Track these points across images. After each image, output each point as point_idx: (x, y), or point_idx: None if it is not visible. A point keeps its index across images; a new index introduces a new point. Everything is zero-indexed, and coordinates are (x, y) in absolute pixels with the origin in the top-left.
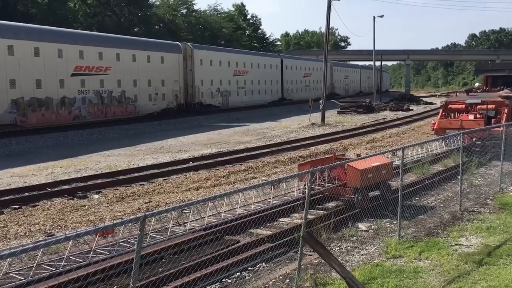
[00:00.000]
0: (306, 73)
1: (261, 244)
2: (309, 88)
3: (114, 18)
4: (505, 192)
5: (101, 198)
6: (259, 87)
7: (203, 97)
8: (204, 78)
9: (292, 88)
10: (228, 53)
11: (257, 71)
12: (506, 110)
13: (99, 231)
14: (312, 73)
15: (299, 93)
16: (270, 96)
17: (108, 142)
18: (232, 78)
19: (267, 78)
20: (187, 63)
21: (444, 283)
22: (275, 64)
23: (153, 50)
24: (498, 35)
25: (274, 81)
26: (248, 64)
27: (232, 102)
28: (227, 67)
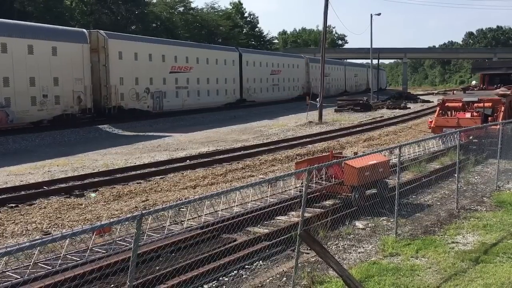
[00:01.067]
0: (274, 70)
1: (258, 242)
2: (277, 88)
3: (111, 16)
4: (501, 190)
5: (98, 196)
6: (209, 86)
7: (124, 99)
8: (124, 75)
9: (255, 88)
10: (162, 44)
11: (205, 67)
12: (503, 108)
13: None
14: (283, 71)
15: (264, 94)
16: (224, 98)
17: (105, 141)
18: (168, 76)
19: (220, 75)
20: (100, 57)
21: (441, 281)
22: (231, 60)
23: (39, 38)
24: (495, 33)
25: (229, 79)
26: (193, 58)
27: (168, 106)
28: (161, 62)
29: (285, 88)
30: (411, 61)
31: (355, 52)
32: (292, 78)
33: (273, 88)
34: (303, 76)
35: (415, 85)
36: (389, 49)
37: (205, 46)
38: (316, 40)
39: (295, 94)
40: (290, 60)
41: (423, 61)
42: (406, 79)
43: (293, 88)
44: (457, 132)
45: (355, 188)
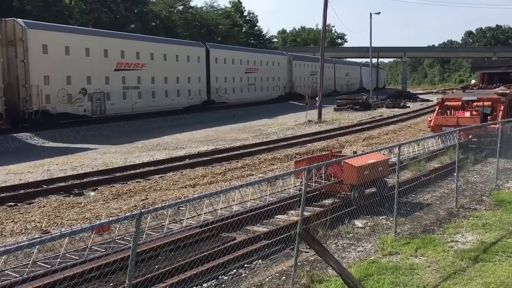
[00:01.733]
0: (250, 68)
1: (257, 241)
2: (254, 88)
3: (110, 14)
4: (501, 189)
5: (97, 195)
6: (167, 86)
7: (50, 102)
8: (51, 73)
9: (226, 88)
10: (103, 37)
11: (162, 64)
12: (502, 107)
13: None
14: (260, 69)
15: (237, 95)
16: (187, 99)
17: (104, 139)
18: (113, 74)
19: (181, 74)
20: (17, 50)
21: (440, 279)
22: (195, 56)
23: None
24: (494, 32)
25: (194, 78)
26: (146, 54)
27: (113, 109)
28: (103, 57)
29: (263, 88)
30: (411, 60)
31: (355, 51)
32: (272, 77)
33: (249, 88)
34: (285, 74)
35: (414, 84)
36: (389, 48)
37: (162, 40)
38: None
39: (275, 95)
40: (269, 57)
41: (422, 60)
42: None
43: (272, 88)
44: (457, 131)
45: (354, 187)
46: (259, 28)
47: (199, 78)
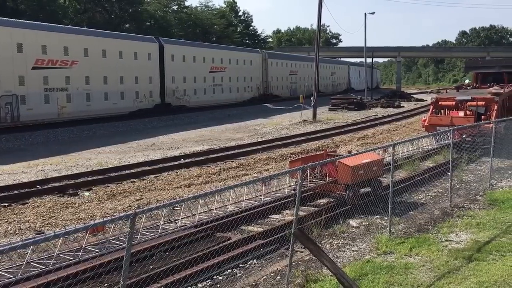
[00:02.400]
0: (216, 67)
1: (252, 241)
2: (220, 89)
3: (104, 14)
4: (494, 188)
5: (91, 195)
6: (107, 88)
7: None
8: None
9: (186, 89)
10: (20, 28)
11: (101, 62)
12: (496, 107)
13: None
14: (229, 68)
15: (200, 97)
16: (134, 102)
17: (99, 139)
18: (30, 73)
19: (127, 73)
20: None
21: (434, 279)
22: (145, 52)
23: None
24: (488, 32)
25: (143, 78)
26: (78, 50)
27: (31, 115)
28: (16, 53)
29: (233, 89)
30: (405, 60)
31: (349, 50)
32: (243, 77)
33: (214, 90)
34: (258, 74)
35: (408, 83)
36: (383, 48)
37: (101, 34)
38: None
39: (247, 97)
40: (239, 55)
41: (416, 60)
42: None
43: (244, 89)
44: (451, 131)
45: (349, 186)
46: (254, 28)
47: (150, 78)
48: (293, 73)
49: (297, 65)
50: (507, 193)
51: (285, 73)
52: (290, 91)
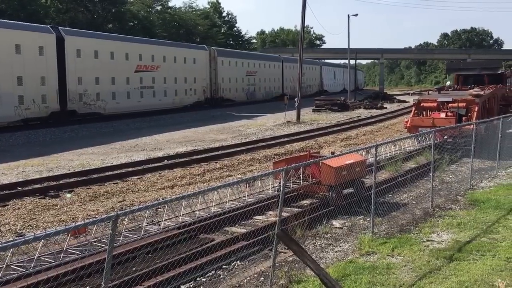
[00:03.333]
0: (144, 65)
1: (235, 242)
2: (151, 92)
3: (87, 14)
4: (475, 188)
5: (73, 197)
6: None
7: None
8: None
9: (100, 93)
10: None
11: None
12: (477, 109)
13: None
14: (163, 66)
15: (122, 101)
16: (16, 110)
17: (81, 140)
18: None
19: (4, 73)
20: None
21: (416, 279)
22: (34, 46)
23: None
24: (469, 34)
25: (31, 78)
26: None
27: None
28: None
29: (168, 92)
30: (388, 62)
31: (333, 52)
32: (184, 78)
33: (142, 93)
34: (204, 75)
35: (391, 85)
36: (366, 50)
37: None
38: (294, 40)
39: (189, 101)
40: (179, 52)
41: (399, 62)
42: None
43: (185, 92)
44: (432, 132)
45: (332, 187)
46: (238, 29)
47: (42, 78)
48: (251, 74)
49: (256, 64)
50: (487, 194)
51: (240, 74)
52: (247, 95)
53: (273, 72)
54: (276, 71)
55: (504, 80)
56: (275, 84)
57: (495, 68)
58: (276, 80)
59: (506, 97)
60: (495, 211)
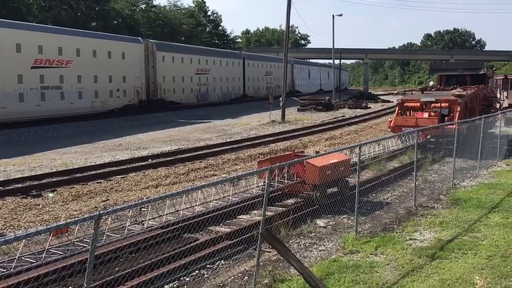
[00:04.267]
0: (47, 60)
1: (220, 242)
2: (59, 94)
3: (70, 12)
4: (457, 187)
5: (56, 196)
6: None
7: None
8: None
9: None
10: None
11: None
12: (459, 109)
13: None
14: (76, 62)
15: (12, 107)
16: None
17: (64, 140)
18: None
19: None
20: None
21: (399, 277)
22: None
23: None
24: (452, 35)
25: None
26: None
27: None
28: None
29: (85, 94)
30: (372, 62)
31: (318, 52)
32: (108, 76)
33: (44, 95)
34: (138, 72)
35: (375, 85)
36: (351, 50)
37: None
38: (279, 40)
39: (116, 104)
40: (100, 44)
41: (383, 62)
42: (367, 79)
43: (109, 94)
44: (415, 132)
45: (316, 186)
46: (223, 28)
47: None
48: (203, 72)
49: (209, 61)
50: (469, 193)
51: (188, 72)
52: (197, 96)
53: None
54: (236, 70)
55: (486, 80)
56: (234, 84)
57: (477, 68)
58: (236, 79)
59: (488, 98)
60: (477, 210)
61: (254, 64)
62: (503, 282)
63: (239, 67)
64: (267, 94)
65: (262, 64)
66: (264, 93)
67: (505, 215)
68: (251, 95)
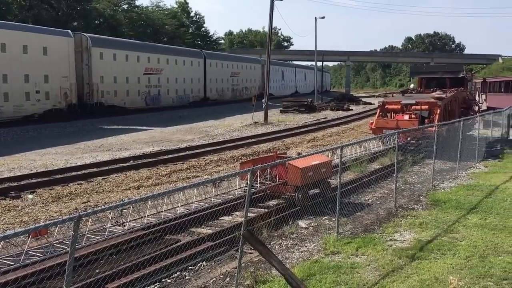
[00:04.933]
0: None
1: (202, 243)
2: None
3: (51, 11)
4: (437, 189)
5: (35, 198)
6: None
7: None
8: None
9: None
10: None
11: None
12: (439, 111)
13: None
14: None
15: None
16: None
17: (44, 140)
18: None
19: None
20: None
21: (379, 277)
22: None
23: None
24: (432, 38)
25: None
26: None
27: None
28: None
29: None
30: (354, 64)
31: (300, 54)
32: (24, 76)
33: None
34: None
35: (357, 87)
36: (333, 52)
37: None
38: (262, 41)
39: (36, 109)
40: (11, 37)
41: (365, 64)
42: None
43: (25, 97)
44: (396, 134)
45: (298, 188)
46: (206, 29)
47: None
48: (153, 72)
49: (161, 60)
50: (448, 194)
51: (134, 72)
52: (146, 100)
53: (191, 70)
54: (195, 70)
55: (465, 83)
56: (193, 86)
57: (456, 71)
58: (195, 81)
59: (467, 100)
60: (456, 211)
61: (218, 64)
62: (481, 282)
63: (199, 67)
64: (233, 97)
65: (228, 64)
66: (230, 96)
67: (483, 216)
68: (214, 98)
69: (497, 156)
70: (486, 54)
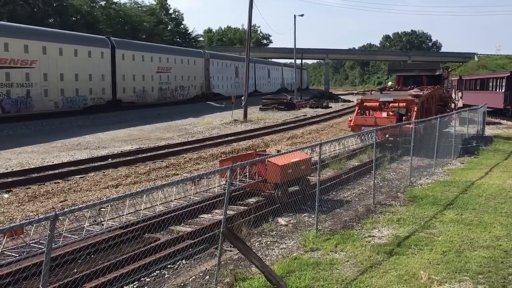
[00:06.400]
0: None
1: (181, 241)
2: None
3: (26, 7)
4: (414, 185)
5: (11, 197)
6: None
7: None
8: None
9: None
10: None
11: None
12: (416, 108)
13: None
14: None
15: None
16: None
17: (20, 139)
18: None
19: None
20: None
21: (358, 273)
22: None
23: None
24: (409, 37)
25: None
26: None
27: None
28: None
29: None
30: (333, 62)
31: (280, 51)
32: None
33: None
34: None
35: (336, 85)
36: (312, 50)
37: None
38: (241, 39)
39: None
40: None
41: (344, 62)
42: (328, 79)
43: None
44: (374, 131)
45: (278, 185)
46: (184, 26)
47: None
48: (20, 65)
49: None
50: (425, 190)
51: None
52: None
53: (87, 64)
54: (96, 63)
55: (442, 81)
56: (92, 85)
57: (433, 69)
58: (96, 78)
59: (443, 98)
60: (433, 207)
61: (135, 56)
62: (457, 277)
63: (103, 59)
64: (161, 99)
65: (152, 56)
66: (156, 97)
67: (459, 211)
68: (130, 101)
69: (472, 152)
70: (462, 53)
